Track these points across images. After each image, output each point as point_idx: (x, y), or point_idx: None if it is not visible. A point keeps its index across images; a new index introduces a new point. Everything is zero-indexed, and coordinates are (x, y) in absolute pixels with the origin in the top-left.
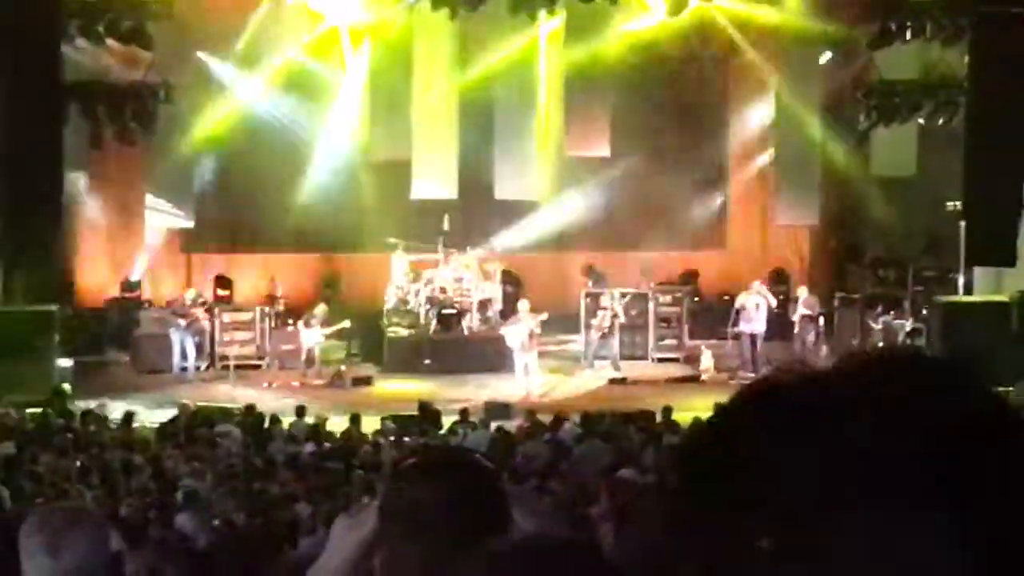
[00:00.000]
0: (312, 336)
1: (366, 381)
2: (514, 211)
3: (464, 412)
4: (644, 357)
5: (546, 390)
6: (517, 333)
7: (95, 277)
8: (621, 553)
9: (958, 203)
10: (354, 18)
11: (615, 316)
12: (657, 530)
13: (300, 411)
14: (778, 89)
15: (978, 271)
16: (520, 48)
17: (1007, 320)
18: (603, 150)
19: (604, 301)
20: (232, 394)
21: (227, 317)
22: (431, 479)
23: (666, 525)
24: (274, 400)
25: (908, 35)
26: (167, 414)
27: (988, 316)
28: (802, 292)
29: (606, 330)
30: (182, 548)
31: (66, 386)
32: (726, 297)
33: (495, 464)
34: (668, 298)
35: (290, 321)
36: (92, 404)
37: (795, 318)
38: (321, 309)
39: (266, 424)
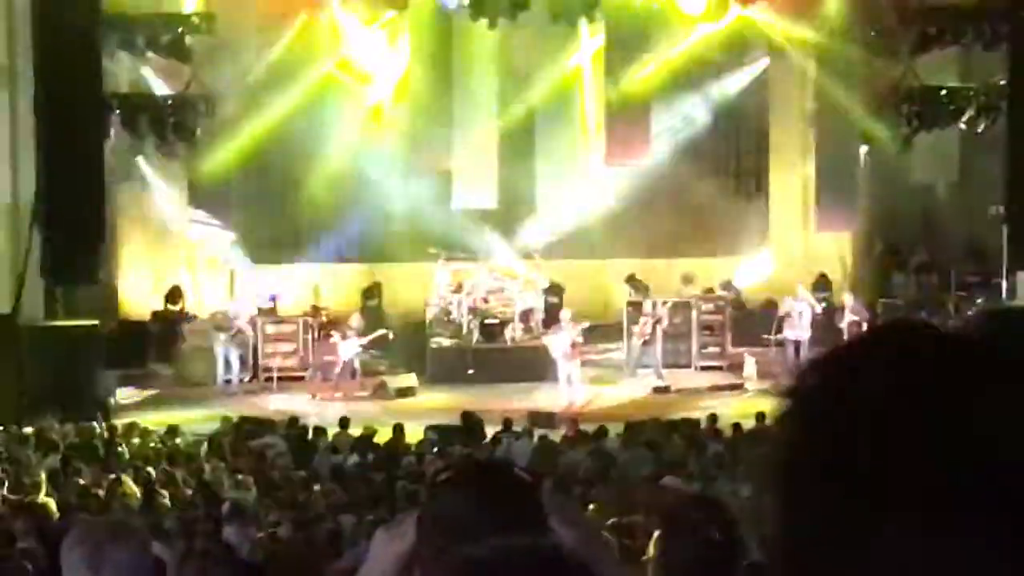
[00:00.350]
0: (350, 347)
1: (409, 392)
2: (555, 220)
3: (507, 422)
4: (687, 365)
5: (589, 399)
6: (560, 342)
7: (138, 290)
8: (665, 562)
9: (1001, 208)
10: (394, 29)
11: (657, 322)
12: (701, 536)
13: (344, 422)
14: (818, 95)
15: (1021, 276)
16: (560, 56)
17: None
18: (644, 158)
19: (646, 307)
20: (276, 406)
21: (270, 329)
22: (468, 490)
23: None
24: (318, 411)
25: (948, 40)
26: (211, 427)
27: None
28: (848, 299)
29: (648, 336)
30: (228, 560)
31: (111, 400)
32: (769, 304)
33: (538, 474)
34: (710, 306)
35: (332, 333)
36: (137, 418)
37: (842, 325)
38: (357, 319)
39: (310, 436)
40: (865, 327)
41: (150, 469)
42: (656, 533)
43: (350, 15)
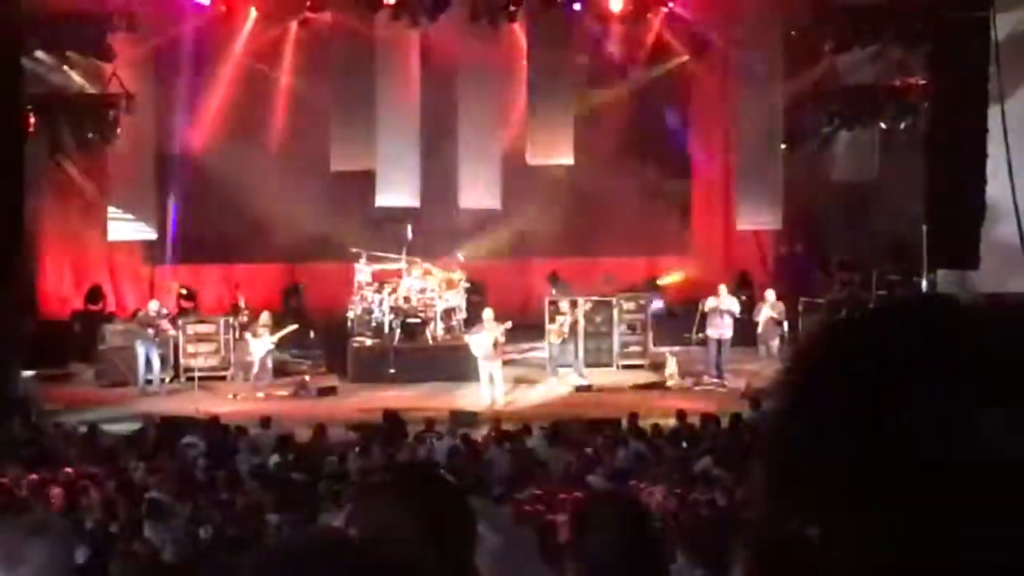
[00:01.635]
0: (262, 345)
1: (331, 391)
2: (477, 219)
3: (429, 421)
4: (609, 364)
5: (511, 398)
6: (481, 342)
7: (58, 290)
8: (581, 560)
9: (921, 207)
10: (316, 27)
11: (575, 322)
12: (615, 534)
13: (265, 422)
14: (739, 94)
15: (941, 274)
16: (483, 58)
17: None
18: (565, 158)
19: (563, 306)
20: (197, 406)
21: (191, 329)
22: (398, 495)
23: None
24: (239, 411)
25: (868, 39)
26: (133, 426)
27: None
28: (768, 295)
29: (566, 335)
30: (148, 560)
31: (31, 399)
32: (691, 303)
33: (461, 473)
34: (632, 304)
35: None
36: (57, 417)
37: (759, 320)
38: (266, 317)
39: (231, 435)
40: (785, 326)
41: (72, 468)
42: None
43: (270, 14)
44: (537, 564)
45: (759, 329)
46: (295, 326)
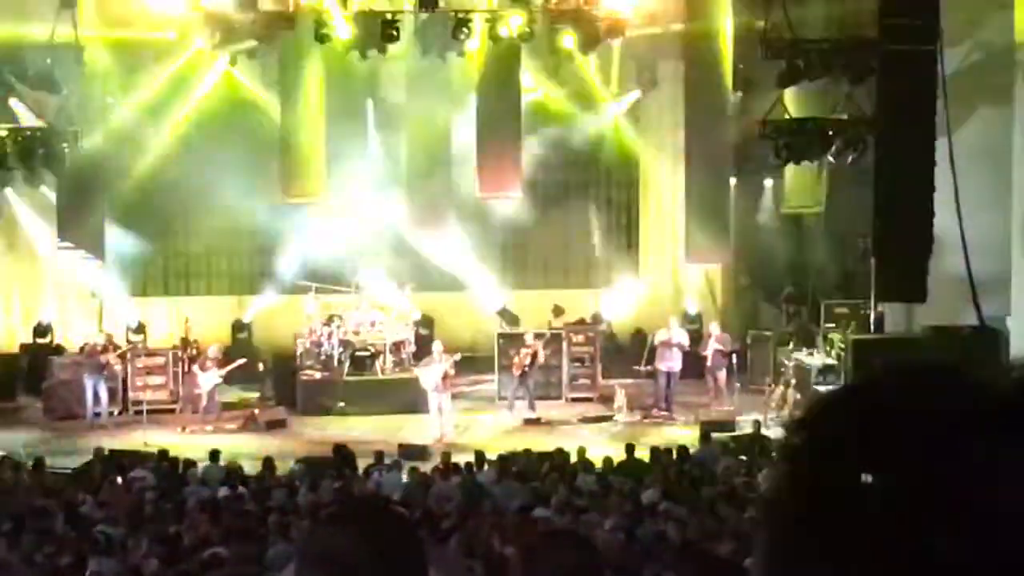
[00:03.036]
0: (209, 378)
1: (280, 424)
2: (426, 251)
3: (379, 454)
4: (558, 397)
5: (460, 431)
6: (431, 374)
7: (6, 323)
8: None
9: (868, 240)
10: (264, 58)
11: (535, 355)
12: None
13: (214, 455)
14: (688, 127)
15: (889, 307)
16: (431, 90)
17: (918, 355)
18: (514, 191)
19: (528, 339)
20: (146, 439)
21: (140, 362)
22: (351, 527)
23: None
24: (188, 444)
25: (816, 74)
26: (81, 460)
27: (900, 352)
28: (714, 328)
29: (526, 368)
30: None
31: None
32: (639, 336)
33: (410, 506)
34: (581, 337)
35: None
36: (4, 451)
37: (707, 353)
38: (214, 350)
39: (180, 468)
40: (733, 357)
41: (19, 502)
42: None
43: (220, 48)
44: None
45: (708, 362)
46: (244, 359)
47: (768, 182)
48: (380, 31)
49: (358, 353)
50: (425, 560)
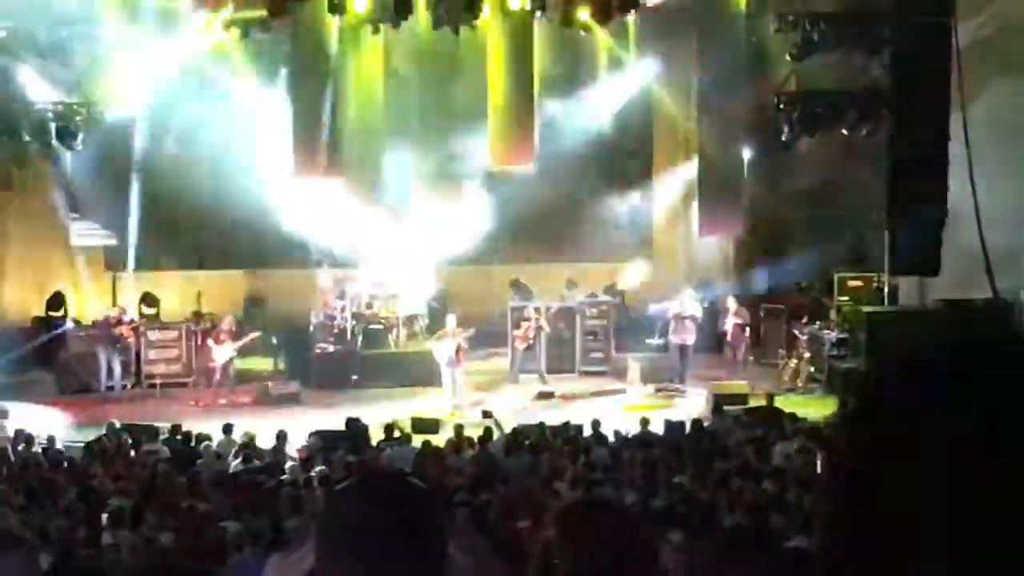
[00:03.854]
0: (224, 351)
1: (293, 398)
2: (440, 225)
3: (391, 427)
4: (571, 370)
5: (473, 404)
6: (444, 348)
7: (21, 297)
8: (568, 566)
9: (882, 213)
10: (276, 32)
11: (540, 328)
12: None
13: (227, 429)
14: (701, 100)
15: (902, 281)
16: (444, 62)
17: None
18: (527, 163)
19: (528, 313)
20: (159, 412)
21: (153, 335)
22: (371, 499)
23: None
24: (201, 418)
25: (831, 46)
26: (94, 433)
27: (913, 325)
28: (731, 303)
29: (531, 341)
30: (109, 568)
31: None
32: (653, 308)
33: (423, 479)
34: (594, 310)
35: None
36: (18, 424)
37: (727, 328)
38: (228, 322)
39: (193, 442)
40: (747, 330)
41: (33, 476)
42: (546, 538)
43: (232, 21)
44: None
45: (728, 337)
46: (258, 333)
47: (781, 155)
48: (394, 3)
49: (371, 327)
50: (446, 532)
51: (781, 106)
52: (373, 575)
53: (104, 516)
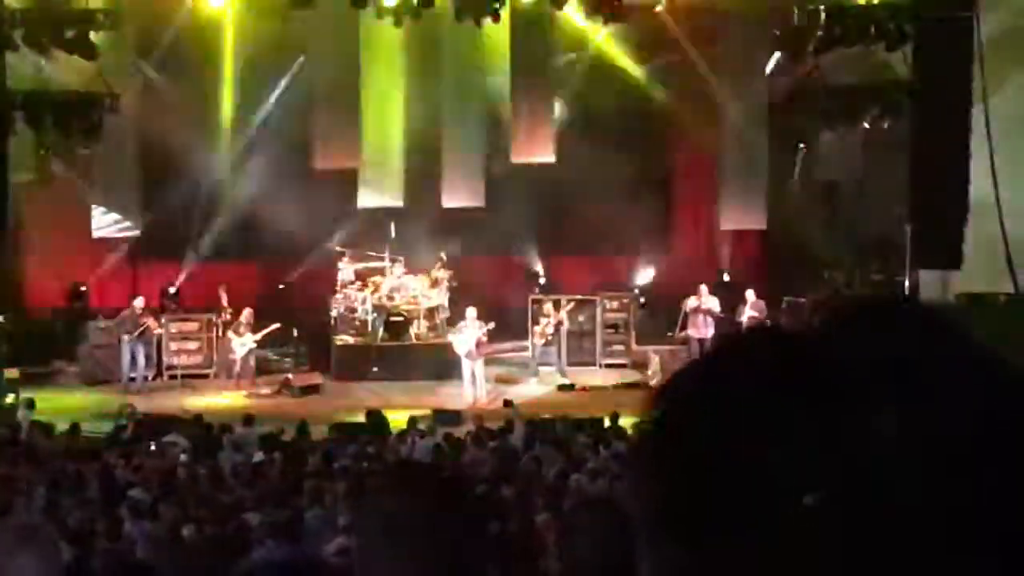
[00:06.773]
0: (244, 343)
1: (314, 389)
2: (461, 218)
3: (412, 420)
4: (592, 363)
5: (493, 397)
6: (464, 340)
7: (43, 287)
8: (564, 563)
9: (904, 206)
10: (300, 24)
11: (560, 323)
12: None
13: (248, 420)
14: (724, 92)
15: (924, 274)
16: (467, 56)
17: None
18: (548, 156)
19: (547, 307)
20: (180, 404)
21: (175, 327)
22: (413, 493)
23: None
24: (222, 409)
25: (852, 40)
26: (116, 425)
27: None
28: (749, 296)
29: (550, 336)
30: (130, 559)
31: (11, 397)
32: (673, 302)
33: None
34: (615, 303)
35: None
36: (41, 415)
37: (743, 320)
38: (248, 315)
39: (214, 433)
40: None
41: (53, 467)
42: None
43: (253, 11)
44: None
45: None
46: (278, 324)
47: (803, 147)
48: None
49: (392, 319)
50: (487, 525)
51: (803, 98)
52: (416, 570)
53: (125, 507)
